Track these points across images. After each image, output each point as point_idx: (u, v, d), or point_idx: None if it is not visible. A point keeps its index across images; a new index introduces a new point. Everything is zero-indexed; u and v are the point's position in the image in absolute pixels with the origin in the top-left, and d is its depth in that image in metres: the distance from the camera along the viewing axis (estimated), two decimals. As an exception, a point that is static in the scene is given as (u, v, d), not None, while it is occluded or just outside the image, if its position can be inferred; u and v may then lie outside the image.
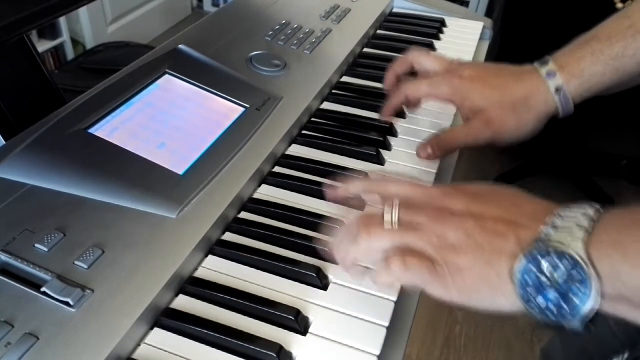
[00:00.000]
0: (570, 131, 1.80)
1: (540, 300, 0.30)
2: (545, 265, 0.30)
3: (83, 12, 2.00)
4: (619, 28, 0.48)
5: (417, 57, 0.56)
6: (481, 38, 0.81)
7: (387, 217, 0.36)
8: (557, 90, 0.48)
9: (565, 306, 0.30)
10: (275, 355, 0.34)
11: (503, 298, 0.32)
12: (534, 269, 0.30)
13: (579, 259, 0.29)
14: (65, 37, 1.92)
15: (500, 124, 0.49)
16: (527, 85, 0.49)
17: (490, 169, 1.81)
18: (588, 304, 0.29)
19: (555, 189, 1.79)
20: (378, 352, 0.35)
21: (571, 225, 0.30)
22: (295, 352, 0.35)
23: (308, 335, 0.37)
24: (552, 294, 0.30)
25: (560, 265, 0.29)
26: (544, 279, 0.30)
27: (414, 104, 0.57)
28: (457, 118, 0.59)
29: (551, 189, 1.79)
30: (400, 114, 0.59)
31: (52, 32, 1.89)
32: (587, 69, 0.48)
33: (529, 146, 1.90)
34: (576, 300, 0.29)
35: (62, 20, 1.89)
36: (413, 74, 0.57)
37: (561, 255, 0.29)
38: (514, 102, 0.49)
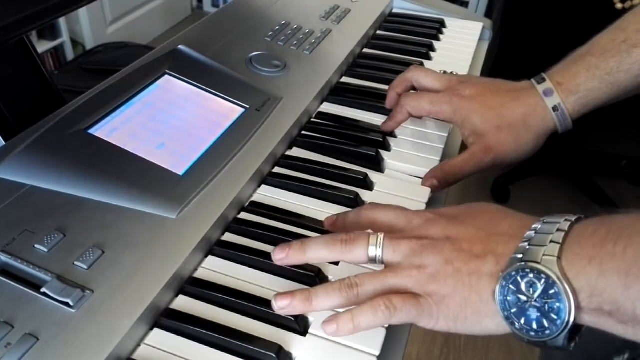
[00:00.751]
0: (570, 132, 1.80)
1: (522, 319, 0.31)
2: (523, 283, 0.30)
3: (83, 12, 2.00)
4: (613, 42, 0.48)
5: (416, 76, 0.56)
6: (480, 38, 0.81)
7: (371, 254, 0.36)
8: (555, 108, 0.49)
9: (545, 323, 0.30)
10: (274, 356, 0.34)
11: (489, 320, 0.32)
12: (513, 288, 0.31)
13: (551, 274, 0.29)
14: (64, 38, 1.92)
15: (500, 148, 0.50)
16: (525, 104, 0.50)
17: (491, 169, 1.81)
18: (565, 319, 0.29)
19: (555, 189, 1.79)
20: (378, 352, 0.35)
21: (545, 239, 0.31)
22: (294, 352, 0.36)
23: (308, 335, 0.37)
24: (533, 312, 0.30)
25: (536, 282, 0.30)
26: (523, 297, 0.30)
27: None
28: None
29: (551, 189, 1.79)
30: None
31: (51, 32, 1.89)
32: (583, 85, 0.48)
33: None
34: (554, 316, 0.30)
35: (62, 21, 1.90)
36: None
37: (535, 272, 0.30)
38: (512, 123, 0.49)
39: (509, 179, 1.76)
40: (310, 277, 0.40)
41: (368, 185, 0.50)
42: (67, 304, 0.34)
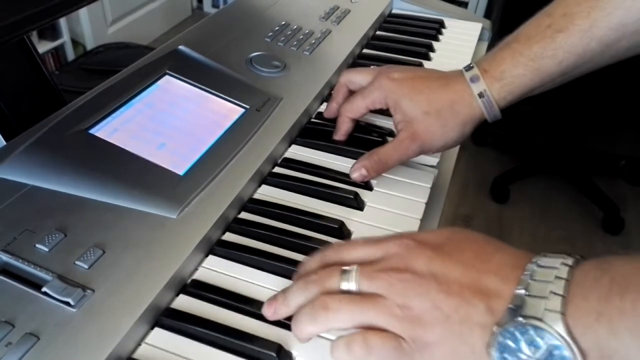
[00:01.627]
0: (570, 131, 1.80)
1: None
2: (523, 343, 0.28)
3: (83, 12, 2.00)
4: (538, 27, 0.48)
5: (348, 77, 0.56)
6: (480, 39, 0.81)
7: (344, 284, 0.33)
8: (480, 94, 0.48)
9: None
10: (274, 355, 0.34)
11: None
12: (512, 345, 0.28)
13: (556, 334, 0.27)
14: (65, 38, 1.93)
15: (425, 135, 0.49)
16: (452, 90, 0.49)
17: (490, 169, 1.81)
18: None
19: (555, 189, 1.79)
20: (377, 352, 0.36)
21: (544, 289, 0.28)
22: (294, 351, 0.36)
23: (308, 334, 0.37)
24: None
25: (539, 340, 0.27)
26: (524, 357, 0.28)
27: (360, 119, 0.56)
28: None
29: (551, 189, 1.79)
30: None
31: (52, 32, 1.89)
32: (508, 72, 0.48)
33: (529, 146, 1.91)
34: None
35: (63, 21, 1.90)
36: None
37: (538, 330, 0.27)
38: (439, 108, 0.49)
39: (509, 178, 1.76)
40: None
41: (368, 184, 0.50)
42: (67, 304, 0.34)
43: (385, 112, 0.59)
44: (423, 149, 0.50)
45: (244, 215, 0.46)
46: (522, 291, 0.29)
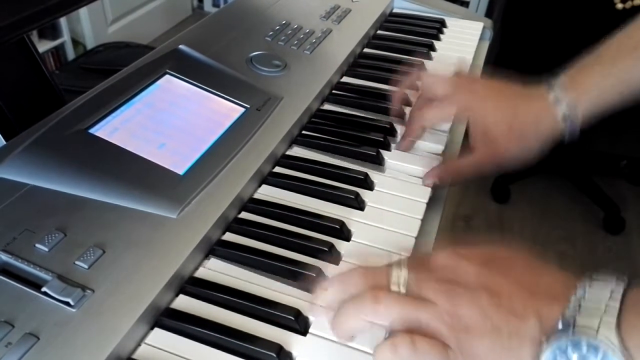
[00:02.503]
0: (570, 131, 1.80)
1: None
2: (574, 356, 0.27)
3: (83, 12, 2.00)
4: (623, 49, 0.48)
5: (428, 84, 0.54)
6: (481, 38, 0.81)
7: (394, 277, 0.33)
8: (564, 117, 0.48)
9: None
10: (275, 355, 0.34)
11: None
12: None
13: (611, 351, 0.26)
14: (65, 37, 1.93)
15: (504, 156, 0.49)
16: (538, 106, 0.49)
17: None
18: None
19: (555, 189, 1.79)
20: (378, 352, 0.35)
21: (597, 307, 0.28)
22: (295, 352, 0.36)
23: (308, 335, 0.37)
24: None
25: (592, 357, 0.27)
26: None
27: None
28: (453, 127, 0.59)
29: (551, 188, 1.79)
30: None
31: (52, 32, 1.89)
32: (594, 91, 0.48)
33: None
34: None
35: (63, 21, 1.90)
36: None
37: (592, 347, 0.27)
38: (523, 129, 0.49)
39: (509, 178, 1.76)
40: (311, 277, 0.40)
41: (368, 184, 0.50)
42: (67, 304, 0.34)
43: (387, 112, 0.59)
44: (500, 166, 0.50)
45: (244, 215, 0.46)
46: (575, 309, 0.28)
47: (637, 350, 0.26)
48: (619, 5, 1.29)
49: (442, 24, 0.82)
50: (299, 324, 0.37)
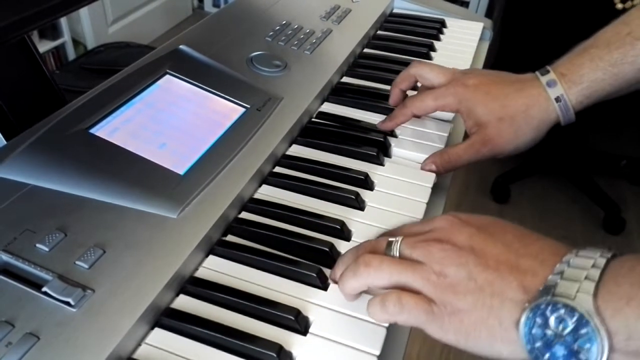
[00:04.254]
0: (570, 131, 1.80)
1: (547, 356, 0.29)
2: (551, 318, 0.29)
3: (84, 12, 2.00)
4: (618, 35, 0.48)
5: (420, 71, 0.56)
6: (481, 38, 0.81)
7: (388, 250, 0.36)
8: (557, 99, 0.48)
9: None
10: (275, 355, 0.34)
11: (502, 345, 0.31)
12: (540, 321, 0.29)
13: (586, 314, 0.28)
14: (66, 38, 1.93)
15: (497, 140, 0.50)
16: (528, 95, 0.50)
17: (490, 169, 1.81)
18: None
19: (555, 189, 1.79)
20: (378, 352, 0.35)
21: (579, 274, 0.29)
22: (295, 352, 0.36)
23: (308, 335, 0.37)
24: (560, 350, 0.28)
25: (567, 319, 0.28)
26: (550, 333, 0.29)
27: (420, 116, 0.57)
28: (458, 116, 0.59)
29: (551, 188, 1.79)
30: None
31: (53, 32, 1.89)
32: (587, 76, 0.48)
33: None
34: (582, 357, 0.28)
35: (63, 21, 1.90)
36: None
37: (568, 308, 0.28)
38: (513, 114, 0.49)
39: (509, 178, 1.76)
40: (312, 277, 0.40)
41: (369, 184, 0.50)
42: (68, 304, 0.34)
43: (387, 112, 0.59)
44: (494, 152, 0.51)
45: (244, 215, 0.46)
46: (558, 275, 0.30)
47: (612, 317, 0.27)
48: (619, 5, 1.29)
49: (442, 24, 0.82)
50: (299, 324, 0.37)
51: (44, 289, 0.34)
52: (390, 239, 0.36)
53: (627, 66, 0.47)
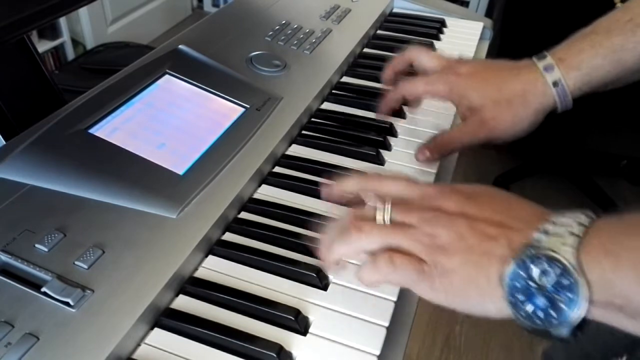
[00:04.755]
0: (570, 131, 1.80)
1: (528, 306, 0.30)
2: (534, 270, 0.30)
3: (83, 12, 2.00)
4: (618, 22, 0.48)
5: (416, 55, 0.55)
6: (481, 38, 0.81)
7: (378, 215, 0.35)
8: (555, 83, 0.48)
9: (552, 312, 0.29)
10: (275, 355, 0.34)
11: (490, 302, 0.31)
12: (523, 274, 0.30)
13: (568, 264, 0.29)
14: (65, 37, 1.92)
15: (495, 123, 0.49)
16: (525, 80, 0.49)
17: (490, 169, 1.81)
18: (576, 310, 0.29)
19: (555, 189, 1.79)
20: (378, 352, 0.35)
21: (563, 231, 0.30)
22: (295, 352, 0.35)
23: (308, 335, 0.37)
24: (541, 300, 0.29)
25: (550, 270, 0.29)
26: (532, 284, 0.30)
27: (412, 102, 0.57)
28: (457, 118, 0.59)
29: (551, 189, 1.79)
30: (400, 114, 0.59)
31: (52, 32, 1.88)
32: (586, 61, 0.47)
33: (529, 146, 1.91)
34: (564, 307, 0.29)
35: (62, 21, 1.89)
36: (411, 73, 0.57)
37: (551, 260, 0.29)
38: (510, 98, 0.48)
39: (509, 178, 1.76)
40: (311, 277, 0.40)
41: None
42: (67, 304, 0.34)
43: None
44: (491, 136, 0.49)
45: (244, 215, 0.46)
46: (543, 232, 0.31)
47: (593, 271, 0.28)
48: (619, 5, 1.29)
49: (442, 23, 0.82)
50: (299, 324, 0.37)
51: (44, 289, 0.34)
52: (380, 206, 0.36)
53: (628, 53, 0.47)
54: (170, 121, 0.50)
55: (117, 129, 0.47)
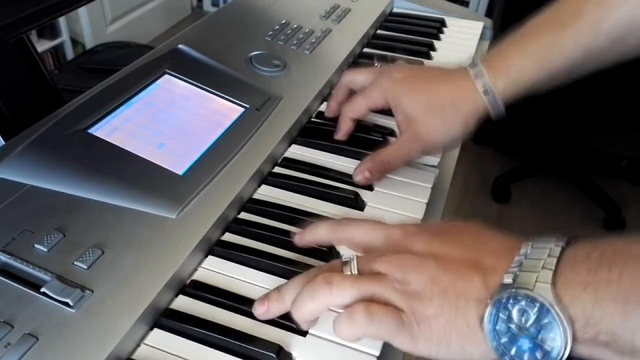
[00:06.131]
0: (570, 131, 1.80)
1: (514, 351, 0.29)
2: (514, 311, 0.28)
3: (83, 11, 2.00)
4: (547, 22, 0.48)
5: (350, 77, 0.55)
6: (481, 38, 0.81)
7: (345, 269, 0.34)
8: (485, 91, 0.47)
9: (538, 355, 0.28)
10: (274, 356, 0.34)
11: (473, 348, 0.30)
12: (503, 316, 0.29)
13: (545, 302, 0.28)
14: (64, 37, 1.92)
15: (427, 135, 0.48)
16: (455, 87, 0.48)
17: (490, 169, 1.81)
18: (562, 349, 0.27)
19: (555, 189, 1.79)
20: (378, 353, 0.35)
21: (536, 264, 0.29)
22: (294, 352, 0.35)
23: (307, 335, 0.37)
24: (524, 342, 0.28)
25: (529, 310, 0.28)
26: (514, 327, 0.29)
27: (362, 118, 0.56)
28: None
29: (551, 189, 1.79)
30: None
31: (51, 31, 1.88)
32: (514, 66, 0.47)
33: (529, 146, 1.91)
34: (548, 347, 0.28)
35: (62, 20, 1.89)
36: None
37: (527, 299, 0.28)
38: (441, 104, 0.48)
39: (509, 178, 1.76)
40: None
41: (369, 185, 0.50)
42: (66, 304, 0.34)
43: (386, 112, 0.59)
44: (426, 148, 0.50)
45: (243, 215, 0.46)
46: (516, 267, 0.30)
47: (571, 304, 0.28)
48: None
49: (442, 23, 0.82)
50: (299, 325, 0.37)
51: (43, 289, 0.34)
52: (345, 259, 0.35)
53: (556, 54, 0.46)
54: (169, 121, 0.50)
55: (116, 129, 0.47)
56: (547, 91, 0.49)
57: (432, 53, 0.74)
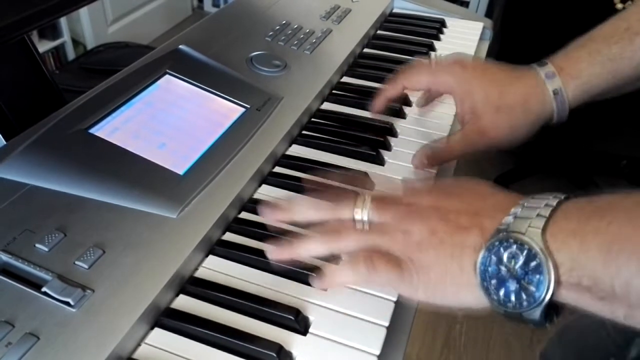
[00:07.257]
0: (570, 131, 1.80)
1: (502, 292, 0.30)
2: (505, 255, 0.30)
3: (83, 12, 2.00)
4: (616, 30, 0.48)
5: (409, 79, 0.52)
6: (481, 38, 0.81)
7: (357, 216, 0.36)
8: (555, 92, 0.47)
9: (523, 295, 0.30)
10: (275, 355, 0.34)
11: (467, 292, 0.32)
12: (494, 258, 0.30)
13: (534, 246, 0.29)
14: (65, 38, 1.92)
15: (494, 132, 0.48)
16: (526, 85, 0.48)
17: (490, 169, 1.81)
18: (544, 291, 0.29)
19: (555, 189, 1.77)
20: (378, 352, 0.35)
21: (531, 213, 0.30)
22: (295, 351, 0.36)
23: (308, 335, 0.37)
24: (512, 284, 0.30)
25: (519, 253, 0.30)
26: (504, 269, 0.30)
27: (420, 100, 0.56)
28: (456, 122, 0.59)
29: (551, 189, 1.77)
30: (400, 114, 0.59)
31: (52, 32, 1.88)
32: (585, 70, 0.47)
33: (530, 146, 1.90)
34: (533, 289, 0.29)
35: (63, 21, 1.90)
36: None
37: (518, 243, 0.30)
38: (512, 104, 0.48)
39: (509, 178, 1.75)
40: (312, 276, 0.40)
41: (369, 186, 0.50)
42: (67, 304, 0.34)
43: (386, 112, 0.59)
44: (489, 145, 0.49)
45: (244, 215, 0.46)
46: (512, 216, 0.31)
47: (558, 250, 0.29)
48: (619, 6, 1.29)
49: (442, 24, 0.82)
50: (299, 324, 0.37)
51: (44, 289, 0.34)
52: (359, 204, 0.37)
53: (626, 61, 0.47)
54: (170, 121, 0.50)
55: (117, 129, 0.47)
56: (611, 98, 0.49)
57: (432, 53, 0.74)
